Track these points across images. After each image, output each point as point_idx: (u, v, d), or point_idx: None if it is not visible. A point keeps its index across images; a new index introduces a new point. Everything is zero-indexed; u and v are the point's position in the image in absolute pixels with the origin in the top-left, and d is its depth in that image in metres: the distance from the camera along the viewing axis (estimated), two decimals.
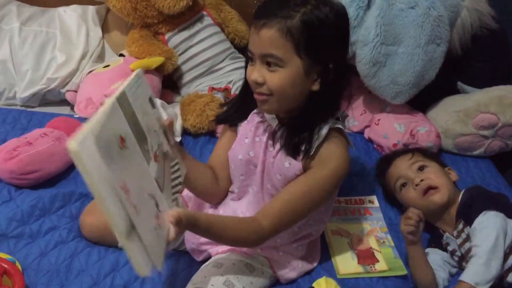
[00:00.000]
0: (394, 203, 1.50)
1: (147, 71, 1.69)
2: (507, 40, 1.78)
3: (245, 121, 1.18)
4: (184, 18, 1.78)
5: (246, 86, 1.10)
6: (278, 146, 1.11)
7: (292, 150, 1.08)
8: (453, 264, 1.31)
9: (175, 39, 1.78)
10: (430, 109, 1.80)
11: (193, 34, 1.78)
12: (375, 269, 1.29)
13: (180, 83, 1.83)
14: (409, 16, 1.57)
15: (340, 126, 1.12)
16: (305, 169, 1.10)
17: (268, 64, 1.02)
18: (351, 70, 1.21)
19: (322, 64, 1.03)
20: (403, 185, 1.39)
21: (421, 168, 1.39)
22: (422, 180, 1.34)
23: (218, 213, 1.26)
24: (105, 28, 1.86)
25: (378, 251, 1.35)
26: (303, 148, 1.08)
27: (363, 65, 1.62)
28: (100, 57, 1.82)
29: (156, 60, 1.70)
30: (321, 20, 1.00)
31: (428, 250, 1.33)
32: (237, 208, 1.22)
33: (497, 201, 1.28)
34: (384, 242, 1.38)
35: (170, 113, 1.66)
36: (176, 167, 1.02)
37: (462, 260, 1.29)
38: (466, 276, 1.14)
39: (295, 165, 1.09)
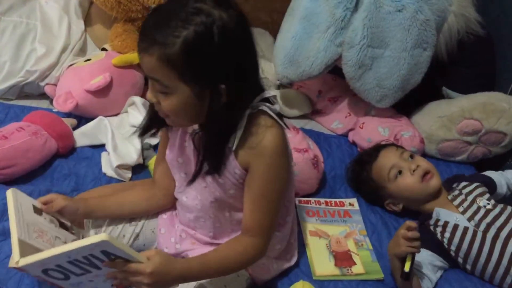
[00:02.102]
0: (375, 203, 1.49)
1: (129, 66, 1.66)
2: (493, 47, 1.78)
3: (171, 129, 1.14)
4: None
5: None
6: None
7: (211, 152, 1.03)
8: (440, 264, 1.30)
9: None
10: (415, 114, 1.80)
11: None
12: (351, 272, 1.29)
13: None
14: (396, 19, 1.56)
15: (263, 108, 1.03)
16: (243, 163, 1.04)
17: (156, 86, 0.96)
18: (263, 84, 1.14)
19: (213, 86, 0.94)
20: (399, 173, 1.41)
21: (411, 156, 1.46)
22: (418, 166, 1.40)
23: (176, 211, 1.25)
24: (87, 21, 1.82)
25: (356, 254, 1.34)
26: (229, 145, 1.03)
27: (349, 67, 1.61)
28: (82, 51, 1.78)
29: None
30: (205, 43, 0.90)
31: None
32: (184, 196, 1.18)
33: None
34: (362, 245, 1.37)
35: None
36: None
37: (473, 203, 1.34)
38: None
39: (230, 163, 1.05)
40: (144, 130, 1.13)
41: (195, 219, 1.18)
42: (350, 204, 1.50)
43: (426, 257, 1.28)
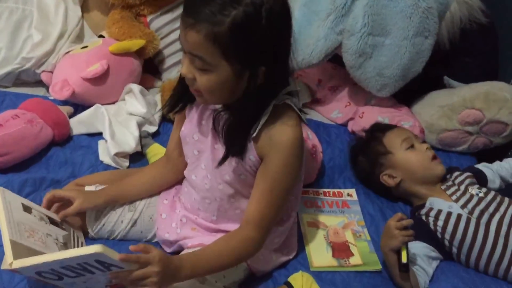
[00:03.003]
0: (370, 174, 1.47)
1: (127, 54, 1.64)
2: (496, 35, 1.76)
3: (192, 104, 1.15)
4: (167, 0, 1.72)
5: None
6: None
7: (234, 135, 1.04)
8: (435, 255, 1.29)
9: (157, 21, 1.72)
10: (415, 103, 1.78)
11: (176, 17, 1.73)
12: (349, 263, 1.29)
13: (161, 68, 1.78)
14: (398, 6, 1.53)
15: (289, 102, 1.06)
16: (260, 152, 1.06)
17: (196, 63, 0.97)
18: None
19: (254, 68, 0.96)
20: (411, 146, 1.44)
21: (424, 141, 1.52)
22: (430, 148, 1.46)
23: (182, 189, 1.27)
24: (85, 8, 1.79)
25: (353, 245, 1.34)
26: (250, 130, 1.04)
27: (349, 55, 1.59)
28: (79, 38, 1.76)
29: (136, 43, 1.64)
30: (253, 24, 0.92)
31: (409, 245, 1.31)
32: (193, 174, 1.20)
33: None
34: (360, 236, 1.37)
35: (149, 100, 1.62)
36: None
37: (465, 191, 1.36)
38: None
39: (248, 149, 1.06)
40: (172, 106, 1.15)
41: (201, 199, 1.18)
42: (348, 194, 1.49)
43: (420, 249, 1.28)
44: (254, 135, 1.04)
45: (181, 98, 1.13)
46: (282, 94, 1.06)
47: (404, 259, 1.17)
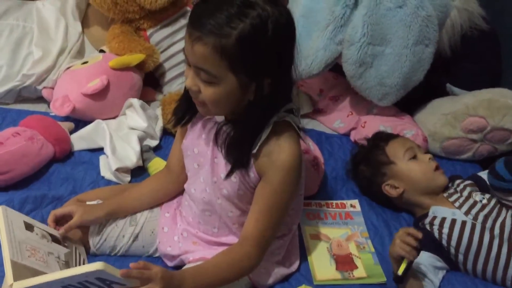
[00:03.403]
0: (372, 183, 1.46)
1: (127, 68, 1.64)
2: (498, 42, 1.75)
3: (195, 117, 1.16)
4: (167, 14, 1.73)
5: None
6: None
7: (233, 152, 1.05)
8: (440, 265, 1.28)
9: (157, 35, 1.73)
10: (418, 112, 1.76)
11: (176, 30, 1.74)
12: (353, 276, 1.27)
13: (162, 81, 1.78)
14: (397, 15, 1.53)
15: (288, 119, 1.07)
16: (259, 169, 1.06)
17: (201, 75, 0.97)
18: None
19: (260, 79, 0.97)
20: (414, 157, 1.42)
21: (426, 151, 1.51)
22: (433, 158, 1.44)
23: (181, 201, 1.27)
24: (85, 23, 1.81)
25: (357, 257, 1.32)
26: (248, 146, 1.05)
27: (349, 65, 1.58)
28: (80, 53, 1.77)
29: (136, 57, 1.65)
30: (260, 37, 0.93)
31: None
32: (192, 188, 1.20)
33: None
34: (364, 247, 1.35)
35: (150, 114, 1.62)
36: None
37: (469, 197, 1.35)
38: None
39: (248, 166, 1.06)
40: (178, 120, 1.15)
41: (201, 212, 1.18)
42: (351, 205, 1.47)
43: (426, 259, 1.26)
44: (254, 151, 1.04)
45: (186, 111, 1.14)
46: (282, 111, 1.06)
47: (399, 271, 1.15)
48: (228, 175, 1.07)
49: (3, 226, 1.02)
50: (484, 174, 1.47)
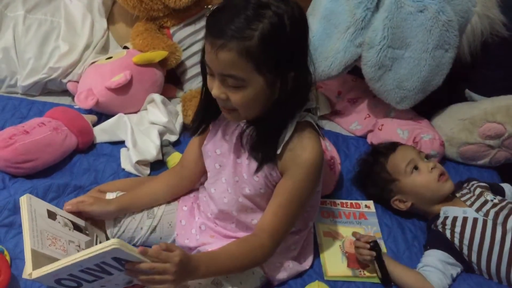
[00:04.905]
0: (381, 199, 1.47)
1: (150, 64, 1.68)
2: None
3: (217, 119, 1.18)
4: (190, 13, 1.76)
5: (207, 91, 1.07)
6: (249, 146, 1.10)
7: (260, 150, 1.07)
8: (453, 261, 1.29)
9: (180, 33, 1.76)
10: (436, 116, 1.77)
11: (198, 29, 1.77)
12: (364, 274, 1.29)
13: (183, 78, 1.81)
14: (418, 20, 1.53)
15: (309, 119, 1.10)
16: (282, 168, 1.09)
17: (227, 82, 0.99)
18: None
19: (283, 74, 1.00)
20: (415, 168, 1.41)
21: (427, 157, 1.47)
22: (435, 166, 1.42)
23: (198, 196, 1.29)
24: (110, 20, 1.85)
25: None
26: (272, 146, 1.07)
27: (368, 67, 1.60)
28: (104, 49, 1.81)
29: (159, 54, 1.68)
30: (280, 33, 0.96)
31: (425, 253, 1.33)
32: (212, 188, 1.22)
33: None
34: None
35: (171, 110, 1.65)
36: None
37: (480, 196, 1.37)
38: None
39: (272, 165, 1.09)
40: (196, 129, 1.18)
41: (218, 212, 1.21)
42: (366, 206, 1.48)
43: (435, 255, 1.29)
44: (278, 152, 1.06)
45: (202, 120, 1.16)
46: (303, 110, 1.09)
47: (378, 274, 1.25)
48: (257, 170, 1.09)
49: (26, 215, 1.04)
50: (504, 185, 1.49)
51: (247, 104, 1.01)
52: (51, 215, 1.11)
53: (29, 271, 0.94)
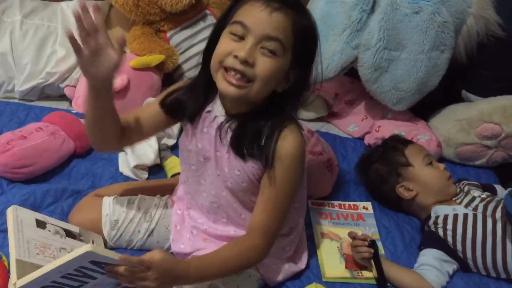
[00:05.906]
0: (386, 182, 1.47)
1: (147, 68, 1.68)
2: None
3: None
4: (186, 17, 1.76)
5: (207, 69, 1.05)
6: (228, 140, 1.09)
7: (240, 146, 1.07)
8: (447, 259, 1.30)
9: (177, 37, 1.77)
10: (433, 117, 1.77)
11: (195, 33, 1.77)
12: (362, 275, 1.29)
13: None
14: (413, 21, 1.54)
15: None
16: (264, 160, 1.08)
17: (262, 48, 0.99)
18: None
19: (300, 67, 1.04)
20: (430, 163, 1.45)
21: (439, 160, 1.56)
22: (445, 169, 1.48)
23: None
24: (107, 24, 1.84)
25: None
26: (255, 144, 1.06)
27: (365, 69, 1.60)
28: None
29: (156, 58, 1.68)
30: (314, 33, 1.06)
31: (420, 253, 1.34)
32: (202, 179, 1.19)
33: None
34: None
35: None
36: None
37: (468, 193, 1.41)
38: None
39: (254, 159, 1.08)
40: (172, 108, 1.14)
41: (209, 204, 1.20)
42: (364, 207, 1.49)
43: (430, 253, 1.30)
44: (261, 143, 1.06)
45: (185, 105, 1.12)
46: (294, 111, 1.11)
47: (374, 274, 1.25)
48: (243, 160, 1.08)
49: (11, 226, 1.04)
50: (498, 187, 1.51)
51: (269, 76, 1.00)
52: (40, 224, 1.11)
53: (14, 281, 0.94)
